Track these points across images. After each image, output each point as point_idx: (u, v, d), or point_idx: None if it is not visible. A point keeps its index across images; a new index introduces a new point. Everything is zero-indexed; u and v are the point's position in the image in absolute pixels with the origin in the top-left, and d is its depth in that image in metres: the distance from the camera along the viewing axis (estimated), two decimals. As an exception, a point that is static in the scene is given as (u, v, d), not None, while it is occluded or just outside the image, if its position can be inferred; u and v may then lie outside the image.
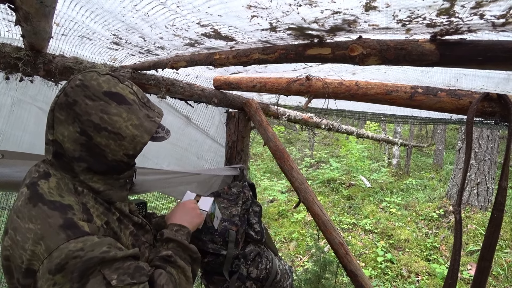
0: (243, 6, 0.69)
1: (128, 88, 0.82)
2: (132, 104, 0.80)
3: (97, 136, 0.76)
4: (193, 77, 1.74)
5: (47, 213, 0.69)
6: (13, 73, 1.05)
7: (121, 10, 0.80)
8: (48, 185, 0.75)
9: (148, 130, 0.83)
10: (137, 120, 0.81)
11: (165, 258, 0.87)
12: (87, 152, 0.77)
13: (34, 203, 0.70)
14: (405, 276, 3.94)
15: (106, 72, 0.81)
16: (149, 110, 0.86)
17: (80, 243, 0.66)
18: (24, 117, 1.33)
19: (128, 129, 0.79)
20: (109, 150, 0.78)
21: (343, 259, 1.62)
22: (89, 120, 0.75)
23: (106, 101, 0.77)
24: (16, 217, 0.70)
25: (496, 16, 0.56)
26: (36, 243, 0.66)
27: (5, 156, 1.04)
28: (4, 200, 1.65)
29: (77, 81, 0.77)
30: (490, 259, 0.95)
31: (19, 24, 0.73)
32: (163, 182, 1.58)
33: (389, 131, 12.34)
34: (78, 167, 0.78)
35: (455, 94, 1.11)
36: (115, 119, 0.77)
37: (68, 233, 0.67)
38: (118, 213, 0.86)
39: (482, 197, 5.11)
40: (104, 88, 0.78)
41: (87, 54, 1.25)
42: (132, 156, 0.83)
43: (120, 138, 0.78)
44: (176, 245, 0.92)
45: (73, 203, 0.73)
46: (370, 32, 0.77)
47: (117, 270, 0.69)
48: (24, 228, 0.68)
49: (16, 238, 0.68)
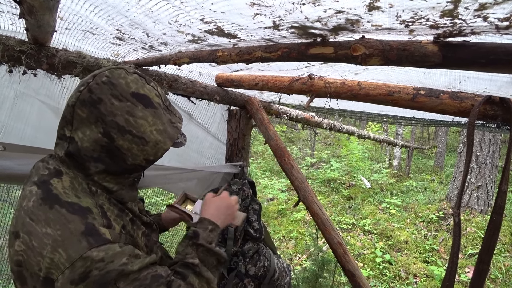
0: (246, 4, 0.69)
1: (154, 90, 0.79)
2: (157, 108, 0.77)
3: (120, 139, 0.72)
4: (196, 74, 1.74)
5: (66, 217, 0.64)
6: (16, 66, 1.05)
7: (125, 5, 0.80)
8: (62, 184, 0.70)
9: (171, 136, 0.81)
10: (162, 126, 0.78)
11: (190, 266, 0.79)
12: (106, 153, 0.73)
13: (50, 205, 0.65)
14: (403, 277, 3.95)
15: (134, 70, 0.78)
16: (172, 115, 0.83)
17: (102, 251, 0.63)
18: (27, 110, 1.34)
19: (153, 134, 0.76)
20: (130, 154, 0.75)
21: (341, 258, 1.62)
22: (113, 121, 0.71)
23: (133, 102, 0.73)
24: (29, 220, 0.65)
25: (499, 19, 0.56)
26: (55, 251, 0.61)
27: (7, 149, 1.05)
28: (5, 193, 1.66)
29: (104, 78, 0.73)
30: (488, 262, 0.95)
31: (23, 17, 0.74)
32: (164, 178, 1.59)
33: (391, 132, 12.31)
34: (95, 167, 0.74)
35: (457, 96, 1.11)
36: (141, 122, 0.74)
37: (90, 241, 0.63)
38: (131, 214, 0.83)
39: (482, 200, 5.09)
40: (132, 89, 0.74)
41: (90, 49, 1.25)
42: (152, 162, 0.80)
43: (144, 143, 0.75)
44: (205, 251, 0.84)
45: (92, 206, 0.69)
46: (373, 32, 0.77)
47: (133, 282, 0.66)
48: (41, 233, 0.63)
49: (31, 243, 0.63)
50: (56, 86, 1.38)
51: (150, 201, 2.57)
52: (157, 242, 0.91)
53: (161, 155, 0.81)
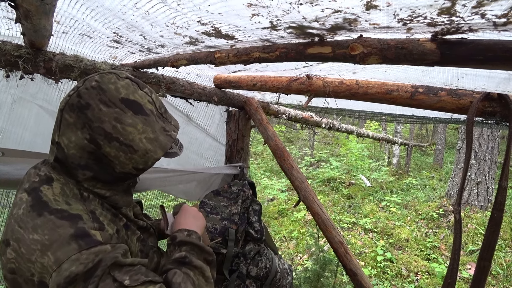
0: (243, 5, 0.69)
1: (147, 96, 0.76)
2: (149, 115, 0.75)
3: (107, 146, 0.70)
4: (194, 76, 1.74)
5: (55, 223, 0.63)
6: (13, 71, 1.05)
7: (122, 8, 0.80)
8: (52, 191, 0.68)
9: (162, 145, 0.78)
10: (152, 134, 0.75)
11: (179, 261, 0.78)
12: (94, 161, 0.72)
13: (38, 212, 0.64)
14: (405, 275, 3.95)
15: (126, 75, 0.76)
16: (166, 123, 0.80)
17: (92, 254, 0.61)
18: (25, 115, 1.33)
19: (142, 142, 0.73)
20: (118, 162, 0.73)
21: (342, 258, 1.62)
22: (100, 128, 0.69)
23: (122, 108, 0.71)
24: (18, 227, 0.64)
25: (497, 16, 0.56)
26: (44, 255, 0.60)
27: (5, 154, 1.04)
28: (4, 198, 1.65)
29: (93, 82, 0.71)
30: (489, 259, 0.96)
31: (19, 22, 0.73)
32: (163, 180, 1.59)
33: (390, 130, 12.33)
34: (83, 175, 0.72)
35: (455, 93, 1.11)
36: (129, 130, 0.71)
37: (80, 243, 0.61)
38: (125, 219, 0.81)
39: (482, 196, 5.11)
40: (122, 94, 0.72)
41: (87, 52, 1.25)
42: (142, 170, 0.78)
43: (132, 151, 0.73)
44: (190, 247, 0.83)
45: (82, 212, 0.67)
46: (371, 31, 0.77)
47: (128, 272, 0.64)
48: (29, 240, 0.62)
49: (20, 250, 0.62)
50: (54, 90, 1.38)
51: (150, 204, 2.56)
52: (154, 247, 0.89)
53: (152, 164, 0.78)
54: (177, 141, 0.91)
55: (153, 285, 0.65)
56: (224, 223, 1.48)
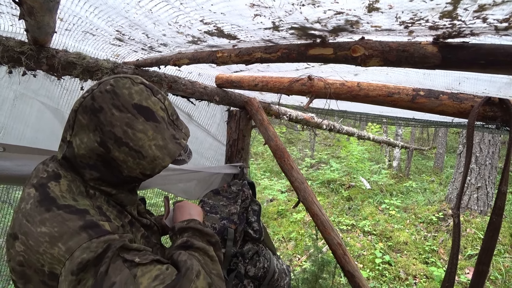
0: (246, 5, 0.69)
1: (160, 103, 0.77)
2: (160, 122, 0.76)
3: (116, 151, 0.72)
4: (195, 75, 1.74)
5: (63, 217, 0.65)
6: (16, 67, 1.05)
7: (125, 6, 0.80)
8: (60, 188, 0.70)
9: (171, 153, 0.78)
10: (162, 141, 0.76)
11: (181, 245, 0.79)
12: (102, 163, 0.73)
13: (47, 208, 0.66)
14: (403, 278, 3.94)
15: (141, 81, 0.77)
16: (176, 130, 0.81)
17: (102, 242, 0.63)
18: (26, 111, 1.34)
19: (151, 149, 0.74)
20: (126, 167, 0.74)
21: (341, 259, 1.62)
22: (111, 132, 0.71)
23: (134, 114, 0.72)
24: (25, 221, 0.65)
25: (499, 20, 0.56)
26: (54, 245, 0.62)
27: (6, 149, 1.04)
28: (5, 193, 1.66)
29: (108, 86, 0.72)
30: (488, 263, 0.95)
31: (23, 18, 0.74)
32: (163, 178, 1.59)
33: (390, 133, 12.32)
34: (90, 174, 0.74)
35: (456, 97, 1.11)
36: (139, 136, 0.73)
37: (90, 232, 0.63)
38: (130, 216, 0.83)
39: (482, 201, 5.09)
40: (135, 100, 0.73)
41: (90, 50, 1.25)
42: (149, 176, 0.79)
43: (140, 157, 0.74)
44: (191, 233, 0.84)
45: (89, 208, 0.69)
46: (373, 33, 0.78)
47: (136, 254, 0.66)
48: (36, 233, 0.63)
49: (29, 243, 0.64)
50: (56, 87, 1.38)
51: (150, 202, 2.56)
52: (157, 244, 0.90)
53: (159, 171, 0.79)
54: (186, 148, 0.91)
55: (161, 265, 0.67)
56: (223, 223, 1.48)
